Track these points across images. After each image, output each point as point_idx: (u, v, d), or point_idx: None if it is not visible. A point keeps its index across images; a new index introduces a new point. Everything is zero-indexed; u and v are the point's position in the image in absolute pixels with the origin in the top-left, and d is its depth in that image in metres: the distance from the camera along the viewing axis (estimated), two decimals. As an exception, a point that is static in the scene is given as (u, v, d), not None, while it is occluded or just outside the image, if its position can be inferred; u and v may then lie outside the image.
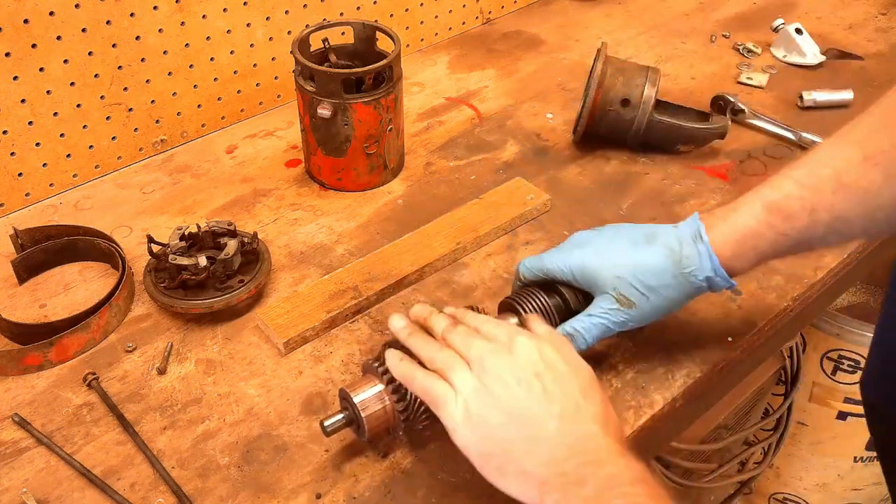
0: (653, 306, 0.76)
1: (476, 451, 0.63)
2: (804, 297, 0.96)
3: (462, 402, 0.64)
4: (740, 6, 1.58)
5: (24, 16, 0.99)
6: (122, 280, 0.92)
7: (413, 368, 0.69)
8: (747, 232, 0.74)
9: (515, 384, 0.63)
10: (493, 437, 0.62)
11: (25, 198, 1.09)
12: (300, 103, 1.07)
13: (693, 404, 0.88)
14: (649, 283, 0.75)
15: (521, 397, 0.63)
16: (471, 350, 0.66)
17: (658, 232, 0.78)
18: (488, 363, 0.65)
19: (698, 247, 0.75)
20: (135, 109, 1.15)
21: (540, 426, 0.62)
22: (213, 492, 0.75)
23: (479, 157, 1.19)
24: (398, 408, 0.72)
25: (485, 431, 0.63)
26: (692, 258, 0.75)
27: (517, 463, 0.61)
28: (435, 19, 1.46)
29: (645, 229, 0.80)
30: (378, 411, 0.72)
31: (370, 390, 0.73)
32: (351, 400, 0.73)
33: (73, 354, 0.88)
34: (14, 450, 0.79)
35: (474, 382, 0.64)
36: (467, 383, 0.64)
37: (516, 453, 0.62)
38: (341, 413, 0.74)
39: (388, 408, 0.73)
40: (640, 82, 1.12)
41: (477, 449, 0.63)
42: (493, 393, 0.63)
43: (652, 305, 0.76)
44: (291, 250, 1.02)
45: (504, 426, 0.62)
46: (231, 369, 0.87)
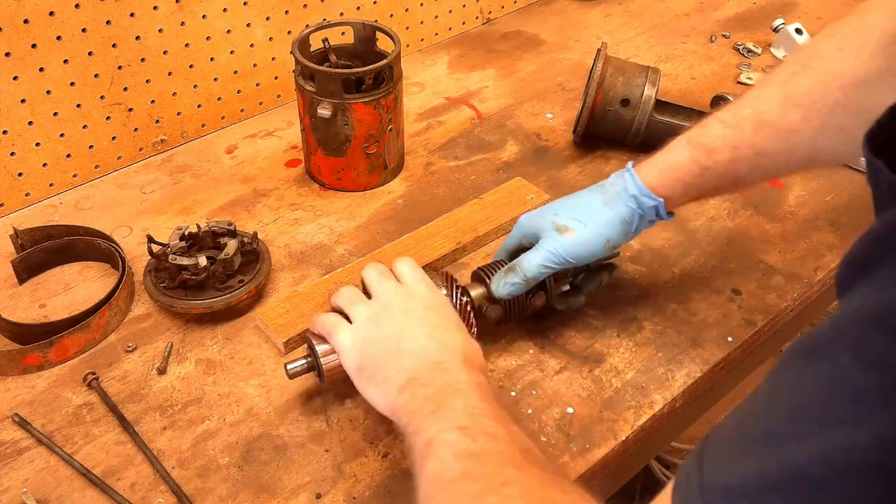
0: (591, 232, 0.82)
1: (355, 366, 0.73)
2: (804, 297, 0.96)
3: (353, 329, 0.74)
4: (740, 6, 1.58)
5: (24, 16, 0.99)
6: (122, 280, 0.92)
7: (318, 314, 0.79)
8: (672, 164, 0.80)
9: (401, 312, 0.74)
10: (371, 352, 0.72)
11: (25, 198, 1.09)
12: (300, 103, 1.07)
13: (693, 404, 0.88)
14: (582, 215, 0.82)
15: (401, 322, 0.73)
16: (378, 287, 0.76)
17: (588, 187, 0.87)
18: (386, 298, 0.75)
19: (623, 176, 0.83)
20: (135, 109, 1.15)
21: (409, 342, 0.71)
22: (213, 492, 0.75)
23: (479, 157, 1.19)
24: None
25: (365, 349, 0.73)
26: (617, 185, 0.83)
27: (383, 371, 0.71)
28: (435, 19, 1.46)
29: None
30: (337, 360, 0.77)
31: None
32: (313, 347, 0.78)
33: (73, 354, 0.88)
34: (14, 450, 0.79)
35: (368, 312, 0.75)
36: (362, 313, 0.75)
37: (385, 364, 0.71)
38: (304, 359, 0.79)
39: None
40: (640, 82, 1.12)
41: (356, 364, 0.73)
42: (380, 320, 0.74)
43: (590, 231, 0.82)
44: (291, 250, 1.02)
45: (381, 342, 0.72)
46: (231, 369, 0.87)
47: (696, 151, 0.79)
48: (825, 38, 0.75)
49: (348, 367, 0.74)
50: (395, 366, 0.70)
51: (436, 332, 0.72)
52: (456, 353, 0.70)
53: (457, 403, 0.64)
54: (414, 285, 0.77)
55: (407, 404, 0.67)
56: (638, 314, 0.93)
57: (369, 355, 0.72)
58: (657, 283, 0.97)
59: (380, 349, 0.72)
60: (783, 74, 0.77)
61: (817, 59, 0.74)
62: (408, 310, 0.74)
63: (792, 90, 0.75)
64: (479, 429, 0.62)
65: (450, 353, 0.70)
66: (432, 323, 0.73)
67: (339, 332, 0.75)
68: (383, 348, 0.72)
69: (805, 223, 1.05)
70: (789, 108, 0.75)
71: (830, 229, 1.05)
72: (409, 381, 0.68)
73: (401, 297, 0.75)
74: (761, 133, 0.76)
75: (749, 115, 0.77)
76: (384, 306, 0.75)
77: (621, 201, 0.82)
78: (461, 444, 0.60)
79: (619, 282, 0.96)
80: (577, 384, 0.85)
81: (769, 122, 0.76)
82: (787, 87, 0.75)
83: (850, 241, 1.09)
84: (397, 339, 0.72)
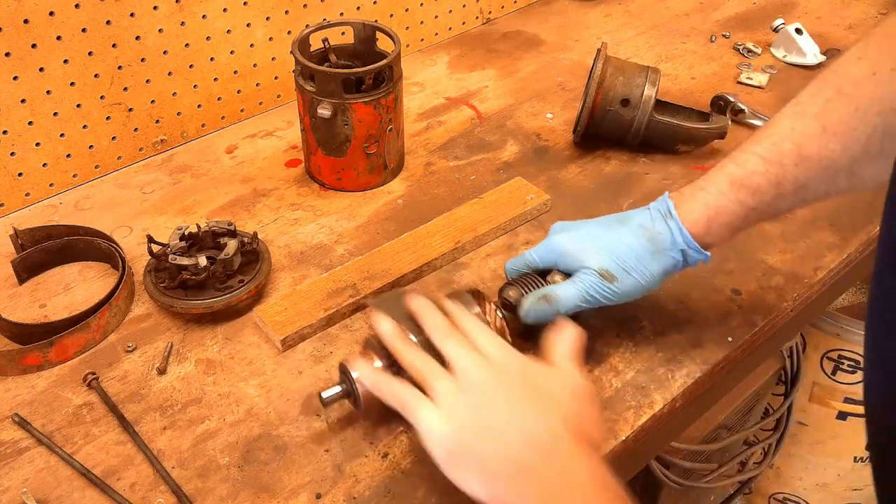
0: (634, 282, 0.79)
1: (443, 452, 0.64)
2: (804, 297, 0.96)
3: (440, 410, 0.65)
4: (740, 6, 1.58)
5: (24, 16, 0.99)
6: (122, 280, 0.92)
7: (387, 378, 0.70)
8: (718, 209, 0.77)
9: (493, 392, 0.65)
10: (461, 438, 0.64)
11: (25, 198, 1.09)
12: (300, 103, 1.07)
13: (693, 404, 0.88)
14: (628, 262, 0.79)
15: (497, 406, 0.64)
16: (461, 361, 0.67)
17: (630, 216, 0.82)
18: (473, 375, 0.66)
19: (669, 223, 0.79)
20: (135, 109, 1.15)
21: (508, 426, 0.63)
22: (213, 492, 0.75)
23: (479, 157, 1.19)
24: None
25: (455, 434, 0.64)
26: (664, 234, 0.79)
27: (477, 458, 0.63)
28: (435, 19, 1.46)
29: (619, 214, 0.84)
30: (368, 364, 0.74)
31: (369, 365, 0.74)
32: (349, 374, 0.74)
33: (73, 354, 0.88)
34: (14, 450, 0.79)
35: (455, 391, 0.65)
36: (448, 391, 0.65)
37: (478, 449, 0.63)
38: (339, 386, 0.75)
39: None
40: (640, 82, 1.12)
41: (444, 449, 0.64)
42: (471, 402, 0.65)
43: (633, 281, 0.79)
44: (291, 250, 1.02)
45: (472, 427, 0.64)
46: (231, 369, 0.87)
47: (741, 193, 0.76)
48: (854, 60, 0.74)
49: (434, 450, 0.65)
50: (495, 452, 0.62)
51: (538, 411, 0.64)
52: (563, 435, 0.63)
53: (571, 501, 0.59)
54: (496, 354, 0.68)
55: (517, 500, 0.61)
56: (638, 314, 0.93)
57: (461, 439, 0.64)
58: (657, 283, 0.97)
59: (474, 433, 0.63)
60: (816, 103, 0.75)
61: (850, 86, 0.73)
62: (499, 386, 0.66)
63: (829, 120, 0.73)
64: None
65: (559, 437, 0.63)
66: (532, 400, 0.65)
67: (422, 410, 0.65)
68: (479, 432, 0.63)
69: (805, 223, 1.05)
70: (829, 139, 0.73)
71: (830, 229, 1.05)
72: (516, 472, 0.61)
73: (488, 370, 0.67)
74: (802, 167, 0.74)
75: (789, 149, 0.75)
76: (472, 383, 0.66)
77: (670, 255, 0.79)
78: None
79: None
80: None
81: (809, 155, 0.74)
82: (823, 117, 0.74)
83: (850, 242, 1.10)
84: (492, 421, 0.64)
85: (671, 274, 0.81)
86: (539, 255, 0.83)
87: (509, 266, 0.86)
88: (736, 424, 1.44)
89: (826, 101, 0.74)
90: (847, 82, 0.73)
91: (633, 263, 0.79)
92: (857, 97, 0.72)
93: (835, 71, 0.75)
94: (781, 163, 0.75)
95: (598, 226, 0.83)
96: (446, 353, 0.68)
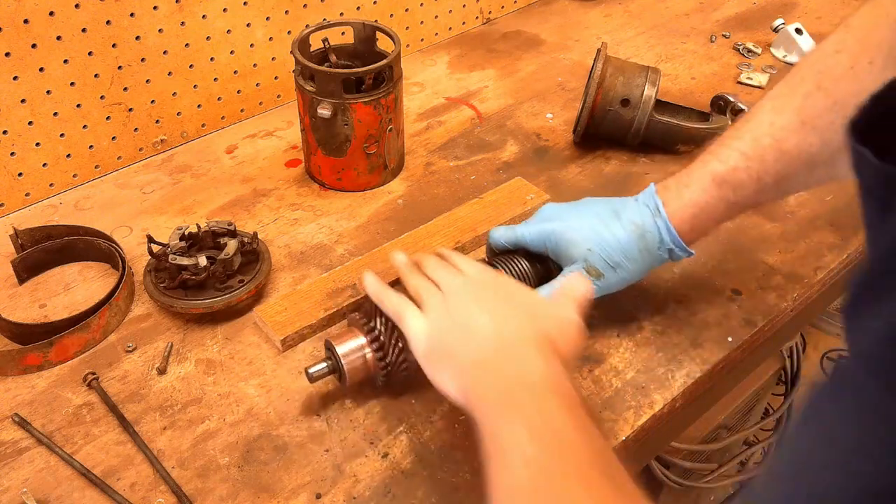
0: (619, 278, 0.82)
1: (424, 353, 0.71)
2: (804, 297, 0.96)
3: (426, 316, 0.72)
4: (740, 6, 1.58)
5: (24, 16, 0.99)
6: (122, 280, 0.92)
7: (385, 289, 0.76)
8: (702, 206, 0.80)
9: (473, 302, 0.71)
10: (442, 340, 0.70)
11: (25, 198, 1.09)
12: (300, 103, 1.07)
13: (693, 404, 0.88)
14: (616, 259, 0.81)
15: (474, 311, 0.70)
16: (449, 281, 0.74)
17: (622, 208, 0.84)
18: (457, 288, 0.73)
19: (657, 221, 0.81)
20: (135, 109, 1.15)
21: (479, 329, 0.69)
22: (213, 492, 0.75)
23: (479, 157, 1.19)
24: (378, 356, 0.78)
25: (435, 335, 0.71)
26: (654, 233, 0.81)
27: (450, 355, 0.69)
28: (435, 19, 1.46)
29: (610, 204, 0.85)
30: (359, 361, 0.78)
31: (353, 342, 0.79)
32: (335, 350, 0.78)
33: (73, 354, 0.88)
34: (14, 450, 0.79)
35: (442, 303, 0.72)
36: (436, 302, 0.72)
37: (454, 351, 0.69)
38: (325, 362, 0.79)
39: (370, 358, 0.78)
40: (640, 82, 1.12)
41: (426, 352, 0.71)
42: (452, 309, 0.71)
43: (618, 277, 0.82)
44: (291, 250, 1.02)
45: (452, 331, 0.70)
46: (231, 369, 0.87)
47: (723, 189, 0.78)
48: (832, 53, 0.74)
49: (416, 351, 0.72)
50: (464, 349, 0.68)
51: (508, 317, 0.69)
52: (528, 337, 0.67)
53: (527, 400, 0.62)
54: (480, 275, 0.75)
55: (474, 389, 0.65)
56: (638, 314, 0.93)
57: (438, 339, 0.70)
58: (657, 283, 0.97)
59: (451, 338, 0.70)
60: (795, 98, 0.76)
61: (829, 80, 0.74)
62: (480, 296, 0.72)
63: (808, 114, 0.74)
64: (550, 433, 0.60)
65: (521, 337, 0.67)
66: (506, 308, 0.70)
67: (411, 317, 0.72)
68: (454, 337, 0.70)
69: (805, 223, 1.05)
70: (808, 133, 0.74)
71: (830, 229, 1.05)
72: (477, 365, 0.66)
73: (473, 285, 0.73)
74: (783, 161, 0.76)
75: (769, 144, 0.76)
76: (455, 294, 0.72)
77: (657, 251, 0.81)
78: (530, 450, 0.59)
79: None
80: (576, 384, 0.85)
81: (789, 150, 0.76)
82: (802, 112, 0.75)
83: (850, 242, 1.10)
84: (466, 323, 0.70)
85: (654, 268, 0.84)
86: (531, 238, 0.86)
87: (496, 236, 0.88)
88: (736, 424, 1.44)
89: (805, 97, 0.75)
90: (826, 77, 0.74)
91: (621, 260, 0.81)
92: (836, 91, 0.73)
93: (813, 64, 0.76)
94: (762, 158, 0.77)
95: (592, 217, 0.84)
96: (437, 277, 0.74)
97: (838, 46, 0.74)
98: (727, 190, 0.78)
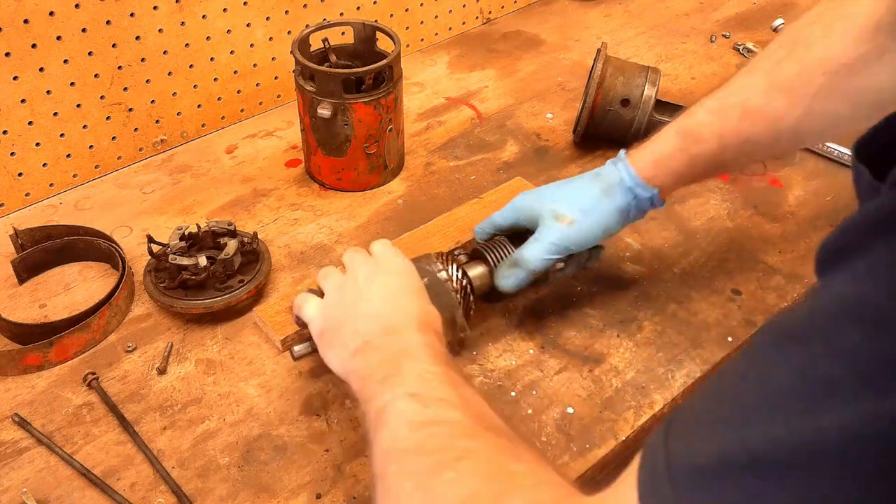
0: (591, 222, 0.83)
1: (318, 331, 0.74)
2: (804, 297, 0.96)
3: (321, 300, 0.75)
4: (740, 6, 1.58)
5: (24, 16, 0.99)
6: (122, 280, 0.92)
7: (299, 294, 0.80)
8: (663, 154, 0.82)
9: (364, 279, 0.74)
10: (331, 316, 0.73)
11: (25, 198, 1.09)
12: (300, 103, 1.07)
13: (693, 404, 0.88)
14: (582, 205, 0.83)
15: (362, 287, 0.73)
16: (351, 261, 0.77)
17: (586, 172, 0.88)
18: (357, 270, 0.75)
19: (618, 166, 0.84)
20: (135, 109, 1.15)
21: (365, 306, 0.71)
22: (213, 492, 0.75)
23: (479, 157, 1.19)
24: None
25: (327, 314, 0.74)
26: (613, 175, 0.84)
27: (339, 335, 0.71)
28: (435, 19, 1.46)
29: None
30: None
31: None
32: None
33: (73, 354, 0.88)
34: (14, 450, 0.79)
35: (336, 282, 0.75)
36: (331, 283, 0.76)
37: (342, 327, 0.71)
38: (308, 340, 0.80)
39: None
40: (640, 82, 1.12)
41: (318, 329, 0.74)
42: (344, 287, 0.74)
43: (590, 222, 0.83)
44: (291, 250, 1.02)
45: (341, 308, 0.73)
46: (231, 369, 0.87)
47: (685, 141, 0.81)
48: (809, 24, 0.76)
49: (314, 333, 0.75)
50: (351, 329, 0.70)
51: (392, 297, 0.72)
52: (410, 317, 0.70)
53: (409, 368, 0.64)
54: (383, 256, 0.77)
55: (360, 369, 0.67)
56: (638, 314, 0.93)
57: (330, 319, 0.73)
58: (657, 283, 0.97)
59: (339, 313, 0.73)
60: (768, 62, 0.78)
61: (802, 46, 0.75)
62: (370, 277, 0.74)
63: (776, 77, 0.76)
64: (432, 395, 0.61)
65: (403, 316, 0.70)
66: (390, 288, 0.73)
67: (307, 303, 0.76)
68: (342, 312, 0.73)
69: (805, 223, 1.05)
70: (774, 96, 0.76)
71: (830, 229, 1.04)
72: (362, 344, 0.68)
73: (367, 267, 0.76)
74: (747, 121, 0.78)
75: (734, 102, 0.79)
76: (350, 275, 0.75)
77: (619, 192, 0.83)
78: (414, 413, 0.60)
79: (620, 282, 0.96)
80: (576, 384, 0.85)
81: (754, 109, 0.78)
82: (772, 74, 0.77)
83: (850, 242, 1.08)
84: (355, 303, 0.72)
85: (628, 215, 0.84)
86: (502, 214, 0.89)
87: (478, 229, 0.91)
88: (736, 424, 1.44)
89: (777, 62, 0.77)
90: (799, 45, 0.76)
91: (587, 205, 0.83)
92: (807, 59, 0.75)
93: (789, 34, 0.78)
94: (726, 114, 0.79)
95: (556, 183, 0.89)
96: (344, 260, 0.78)
97: (815, 18, 0.76)
98: (689, 142, 0.80)
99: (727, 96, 0.80)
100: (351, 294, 0.73)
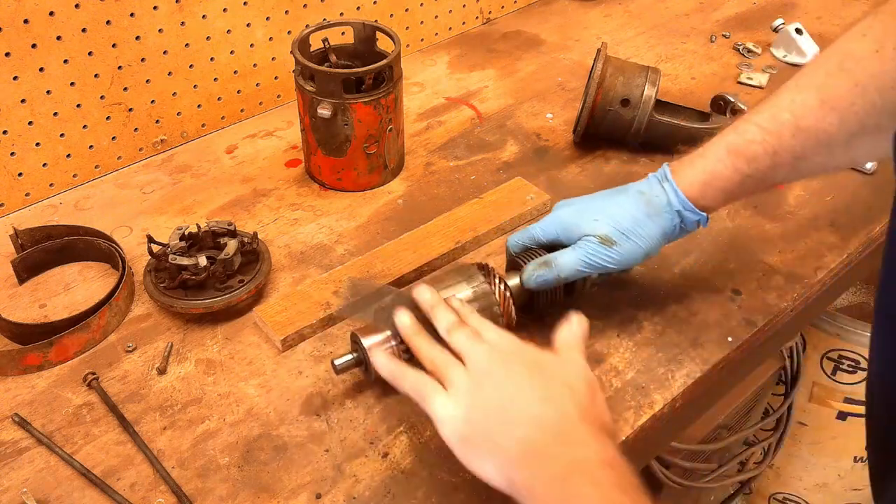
0: (633, 245, 0.81)
1: (458, 437, 0.65)
2: (804, 297, 0.96)
3: (453, 397, 0.66)
4: (740, 6, 1.58)
5: (24, 16, 0.99)
6: (122, 280, 0.92)
7: (400, 367, 0.71)
8: (714, 173, 0.80)
9: (504, 378, 0.66)
10: (476, 422, 0.64)
11: (25, 198, 1.09)
12: (300, 103, 1.07)
13: (693, 404, 0.88)
14: (625, 224, 0.81)
15: (509, 390, 0.65)
16: (471, 353, 0.68)
17: (631, 184, 0.85)
18: (484, 364, 0.67)
19: (664, 186, 0.82)
20: (135, 109, 1.15)
21: (520, 409, 0.64)
22: (213, 492, 0.75)
23: (479, 157, 1.19)
24: (402, 348, 0.76)
25: (469, 417, 0.65)
26: (660, 196, 0.81)
27: (492, 443, 0.63)
28: (435, 19, 1.46)
29: (621, 186, 0.86)
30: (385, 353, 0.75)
31: (378, 335, 0.78)
32: (361, 342, 0.78)
33: (73, 354, 0.88)
34: (14, 450, 0.79)
35: (468, 380, 0.67)
36: (462, 380, 0.67)
37: (493, 434, 0.63)
38: (351, 354, 0.79)
39: (395, 351, 0.77)
40: (640, 82, 1.12)
41: (459, 434, 0.65)
42: (483, 388, 0.66)
43: (632, 244, 0.81)
44: (291, 250, 1.02)
45: (487, 412, 0.65)
46: (231, 369, 0.87)
47: (737, 160, 0.78)
48: (857, 38, 0.75)
49: (449, 437, 0.65)
50: (507, 434, 0.63)
51: (548, 394, 0.65)
52: (573, 415, 0.63)
53: (587, 489, 0.59)
54: (501, 342, 0.70)
55: (527, 481, 0.61)
56: (638, 314, 0.93)
57: (475, 423, 0.64)
58: (657, 283, 0.97)
59: (487, 417, 0.64)
60: (817, 77, 0.76)
61: (852, 61, 0.74)
62: (510, 373, 0.66)
63: (828, 94, 0.75)
64: None
65: (569, 418, 0.63)
66: (541, 385, 0.66)
67: (436, 398, 0.67)
68: (491, 416, 0.64)
69: (805, 223, 1.05)
70: (826, 113, 0.75)
71: (830, 229, 1.05)
72: (526, 453, 0.62)
73: (498, 359, 0.68)
74: (799, 138, 0.76)
75: (787, 120, 0.76)
76: (484, 372, 0.67)
77: (665, 215, 0.81)
78: None
79: (619, 282, 0.96)
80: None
81: (807, 127, 0.76)
82: (823, 90, 0.75)
83: (850, 242, 1.10)
84: (503, 405, 0.64)
85: (671, 238, 0.83)
86: (542, 227, 0.86)
87: (512, 240, 0.88)
88: (736, 424, 1.44)
89: (827, 76, 0.75)
90: (849, 58, 0.74)
91: (630, 226, 0.81)
92: (858, 73, 0.73)
93: (838, 47, 0.76)
94: (779, 133, 0.77)
95: (599, 197, 0.86)
96: (456, 345, 0.69)
97: (864, 31, 0.74)
98: (741, 161, 0.78)
99: (779, 113, 0.77)
100: (496, 394, 0.65)
